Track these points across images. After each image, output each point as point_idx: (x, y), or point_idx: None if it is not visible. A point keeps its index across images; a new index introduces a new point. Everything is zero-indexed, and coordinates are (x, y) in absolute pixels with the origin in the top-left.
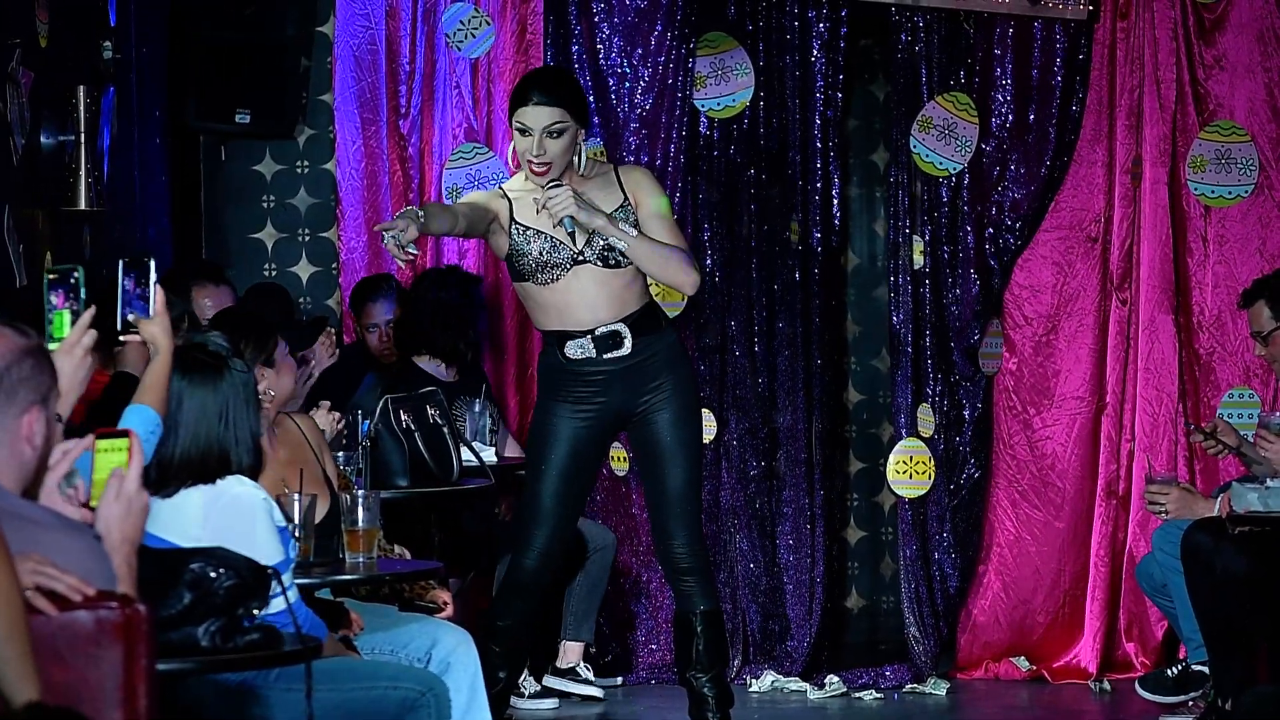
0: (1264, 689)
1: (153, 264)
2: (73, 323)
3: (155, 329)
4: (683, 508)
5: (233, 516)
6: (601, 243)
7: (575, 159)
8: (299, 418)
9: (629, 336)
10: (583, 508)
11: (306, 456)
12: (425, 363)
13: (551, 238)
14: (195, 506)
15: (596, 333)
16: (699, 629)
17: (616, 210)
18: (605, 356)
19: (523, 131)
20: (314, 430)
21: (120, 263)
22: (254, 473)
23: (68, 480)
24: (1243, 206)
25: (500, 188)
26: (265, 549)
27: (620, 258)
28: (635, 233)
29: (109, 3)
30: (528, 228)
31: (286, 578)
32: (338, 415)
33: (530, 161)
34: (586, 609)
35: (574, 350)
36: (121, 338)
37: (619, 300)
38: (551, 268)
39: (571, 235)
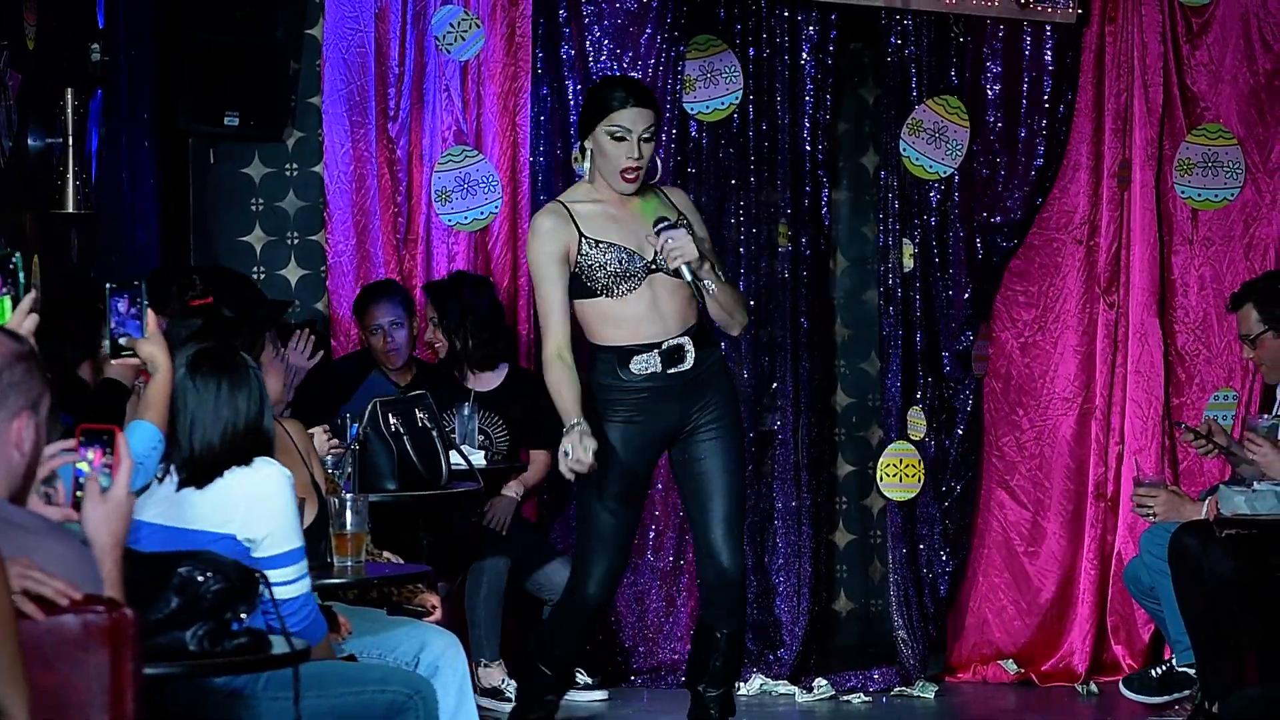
0: (1251, 691)
1: (144, 286)
2: (13, 308)
3: (152, 348)
4: (729, 528)
5: (269, 499)
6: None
7: (653, 170)
8: (287, 423)
9: (691, 350)
10: (636, 529)
11: (294, 461)
12: (472, 379)
13: (625, 248)
14: (229, 492)
15: (664, 346)
16: (721, 646)
17: (679, 219)
18: (669, 371)
19: (616, 136)
20: (302, 435)
21: (107, 286)
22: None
23: (47, 482)
24: (1229, 209)
25: (562, 205)
26: (295, 531)
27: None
28: (725, 278)
29: (97, 5)
30: (598, 241)
31: (305, 564)
32: (336, 441)
33: (627, 167)
34: None
35: (639, 365)
36: (114, 361)
37: (684, 313)
38: (628, 278)
39: (696, 286)
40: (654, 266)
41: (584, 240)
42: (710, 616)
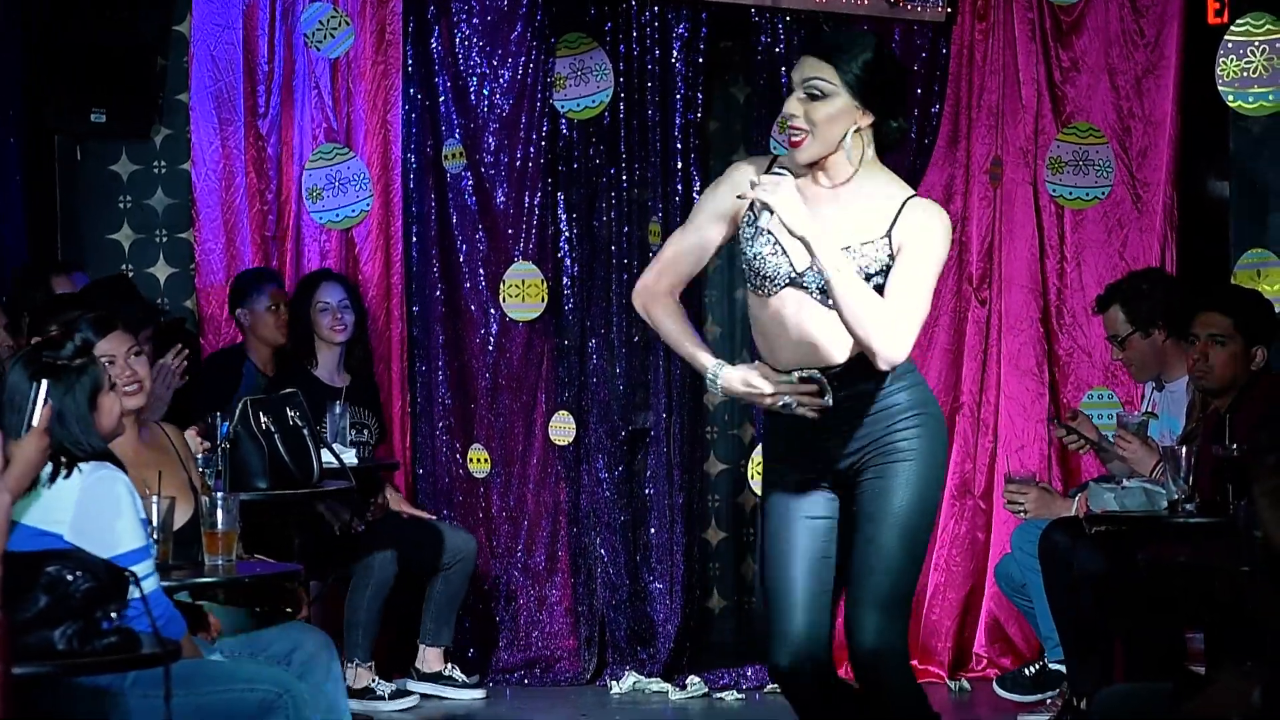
0: (1119, 688)
1: (44, 385)
2: None
3: (25, 446)
4: (871, 603)
5: (96, 501)
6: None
7: (846, 149)
8: (168, 427)
9: (829, 389)
10: (821, 586)
11: (171, 462)
12: (320, 371)
13: (777, 242)
14: (58, 494)
15: (792, 376)
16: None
17: (865, 244)
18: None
19: (789, 92)
20: (179, 438)
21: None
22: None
23: None
24: (1100, 208)
25: (770, 160)
26: (129, 533)
27: None
28: (846, 267)
29: None
30: (754, 223)
31: (148, 564)
32: (207, 445)
33: (788, 128)
34: (446, 614)
35: None
36: None
37: (829, 352)
38: (764, 278)
39: (764, 234)
40: (799, 278)
41: (748, 213)
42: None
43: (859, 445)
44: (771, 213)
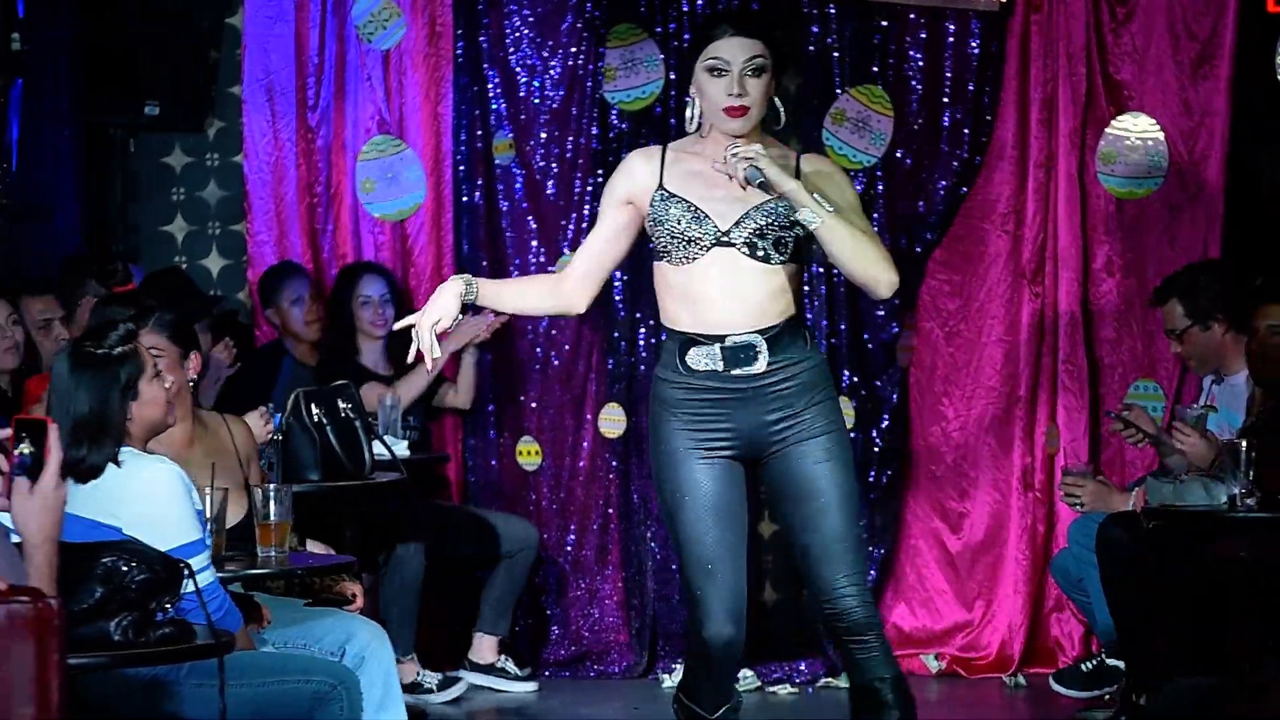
0: (1178, 683)
1: (53, 429)
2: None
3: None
4: (847, 570)
5: (152, 493)
6: (753, 226)
7: (780, 113)
8: (232, 420)
9: (764, 351)
10: (742, 553)
11: (227, 458)
12: (365, 360)
13: (695, 207)
14: (114, 487)
15: (727, 342)
16: (890, 699)
17: (777, 200)
18: (734, 373)
19: (714, 71)
20: (245, 437)
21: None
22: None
23: None
24: (1153, 199)
25: (662, 148)
26: (185, 526)
27: (773, 252)
28: (832, 209)
29: None
30: (672, 194)
31: (204, 557)
32: (271, 428)
33: (729, 106)
34: (506, 603)
35: (696, 359)
36: None
37: (761, 308)
38: (688, 244)
39: (761, 186)
40: (725, 238)
41: (659, 190)
42: (860, 673)
43: (784, 415)
44: (759, 170)
